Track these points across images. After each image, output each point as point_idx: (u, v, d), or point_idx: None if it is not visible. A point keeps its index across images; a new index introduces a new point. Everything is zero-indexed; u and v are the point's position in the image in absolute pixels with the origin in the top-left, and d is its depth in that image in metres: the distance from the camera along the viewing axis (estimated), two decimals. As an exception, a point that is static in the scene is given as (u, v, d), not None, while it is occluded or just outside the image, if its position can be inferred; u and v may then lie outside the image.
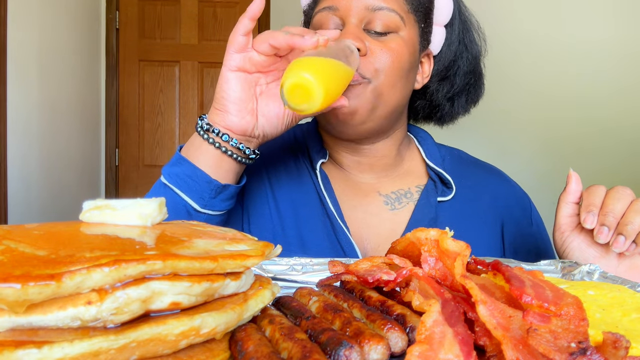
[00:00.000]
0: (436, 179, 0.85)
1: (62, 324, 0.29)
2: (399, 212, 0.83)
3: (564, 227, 0.67)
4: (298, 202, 0.83)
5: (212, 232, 0.40)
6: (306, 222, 0.81)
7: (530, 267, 0.57)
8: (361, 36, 0.74)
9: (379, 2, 0.74)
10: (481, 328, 0.34)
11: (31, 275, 0.27)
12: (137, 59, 3.47)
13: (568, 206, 0.67)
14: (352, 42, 0.70)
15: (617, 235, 0.60)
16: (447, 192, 0.84)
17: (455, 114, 0.90)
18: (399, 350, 0.34)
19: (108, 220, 0.39)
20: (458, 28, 0.85)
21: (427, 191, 0.84)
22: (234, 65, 0.65)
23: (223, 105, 0.66)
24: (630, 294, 0.43)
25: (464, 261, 0.38)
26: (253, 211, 0.82)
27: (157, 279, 0.30)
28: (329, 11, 0.76)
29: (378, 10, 0.74)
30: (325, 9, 0.77)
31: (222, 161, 0.68)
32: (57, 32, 2.82)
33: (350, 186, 0.85)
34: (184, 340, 0.31)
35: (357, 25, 0.74)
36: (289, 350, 0.31)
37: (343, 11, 0.75)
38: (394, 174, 0.87)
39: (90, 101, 3.29)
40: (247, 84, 0.66)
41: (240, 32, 0.63)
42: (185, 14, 3.45)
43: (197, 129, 0.69)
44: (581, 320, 0.32)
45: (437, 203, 0.83)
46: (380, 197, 0.84)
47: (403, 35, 0.76)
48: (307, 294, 0.44)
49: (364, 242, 0.81)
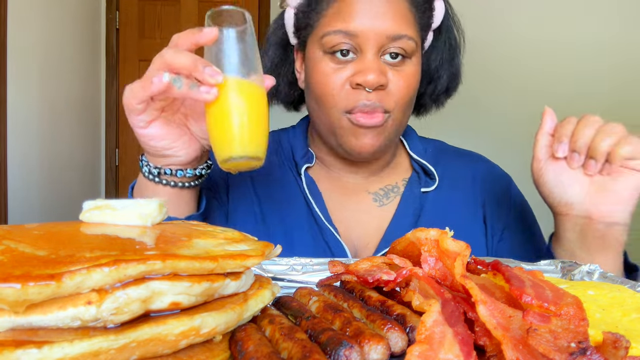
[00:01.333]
0: (419, 171, 0.86)
1: (62, 324, 0.29)
2: (386, 207, 0.84)
3: (540, 156, 0.68)
4: (284, 207, 0.83)
5: (212, 232, 0.40)
6: (293, 227, 0.81)
7: (530, 267, 0.57)
8: (383, 69, 0.72)
9: (400, 31, 0.72)
10: (481, 328, 0.34)
11: (31, 275, 0.27)
12: (137, 59, 3.47)
13: (544, 137, 0.68)
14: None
15: (588, 159, 0.64)
16: (430, 182, 0.85)
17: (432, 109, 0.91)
18: (399, 350, 0.34)
19: (108, 220, 0.39)
20: (445, 32, 0.84)
21: (411, 183, 0.85)
22: (143, 122, 0.60)
23: (161, 152, 0.63)
24: (630, 294, 0.43)
25: (464, 261, 0.38)
26: (237, 219, 0.82)
27: (157, 279, 0.30)
28: (345, 36, 0.72)
29: (398, 39, 0.72)
30: (341, 32, 0.72)
31: (181, 196, 0.67)
32: (57, 32, 2.82)
33: (339, 186, 0.86)
34: (184, 340, 0.31)
35: (376, 54, 0.72)
36: (289, 350, 0.31)
37: (362, 38, 0.72)
38: (384, 172, 0.87)
39: (90, 101, 3.28)
40: (167, 124, 0.62)
41: (137, 101, 0.58)
42: (185, 14, 3.45)
43: (146, 174, 0.65)
44: (581, 320, 0.32)
45: (421, 194, 0.84)
46: (369, 195, 0.85)
47: (415, 61, 0.76)
48: (307, 294, 0.44)
49: (354, 241, 0.82)
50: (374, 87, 0.72)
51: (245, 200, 0.84)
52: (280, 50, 0.86)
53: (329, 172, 0.87)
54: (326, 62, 0.75)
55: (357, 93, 0.73)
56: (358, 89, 0.73)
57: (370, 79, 0.70)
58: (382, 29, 0.71)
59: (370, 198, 0.85)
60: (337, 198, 0.85)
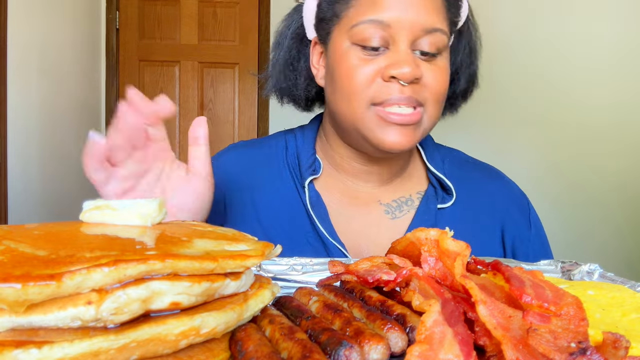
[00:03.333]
0: (436, 185, 0.83)
1: (62, 324, 0.29)
2: (399, 220, 0.81)
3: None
4: (286, 222, 0.79)
5: (212, 232, 0.40)
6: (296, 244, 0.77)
7: (530, 267, 0.57)
8: (416, 61, 0.69)
9: (434, 24, 0.69)
10: (481, 328, 0.34)
11: (31, 275, 0.27)
12: (137, 59, 3.47)
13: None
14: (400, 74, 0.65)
15: None
16: (447, 198, 0.82)
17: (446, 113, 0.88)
18: (398, 350, 0.34)
19: (108, 220, 0.39)
20: (466, 32, 0.82)
21: (427, 198, 0.82)
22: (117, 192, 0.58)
23: None
24: (630, 294, 0.43)
25: (463, 261, 0.38)
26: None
27: (157, 279, 0.30)
28: (377, 25, 0.69)
29: (433, 32, 0.69)
30: (373, 21, 0.69)
31: None
32: (57, 32, 2.82)
33: (349, 196, 0.82)
34: (184, 340, 0.31)
35: (409, 46, 0.69)
36: (289, 350, 0.31)
37: (395, 29, 0.68)
38: (396, 180, 0.84)
39: (90, 101, 3.28)
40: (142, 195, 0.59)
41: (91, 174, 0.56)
42: (185, 14, 3.45)
43: None
44: (581, 320, 0.32)
45: (437, 210, 0.81)
46: (380, 207, 0.82)
47: (446, 56, 0.74)
48: (307, 294, 0.44)
49: (364, 255, 0.78)
50: (409, 81, 0.68)
51: (245, 216, 0.81)
52: (297, 44, 0.83)
53: (338, 180, 0.83)
54: (355, 53, 0.71)
55: (389, 86, 0.69)
56: (391, 82, 0.69)
57: (406, 72, 0.67)
58: (417, 20, 0.68)
59: (382, 210, 0.81)
60: (345, 210, 0.81)
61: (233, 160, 0.86)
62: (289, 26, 0.83)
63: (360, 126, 0.73)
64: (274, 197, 0.81)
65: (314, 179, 0.81)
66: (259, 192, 0.82)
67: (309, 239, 0.78)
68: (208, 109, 3.50)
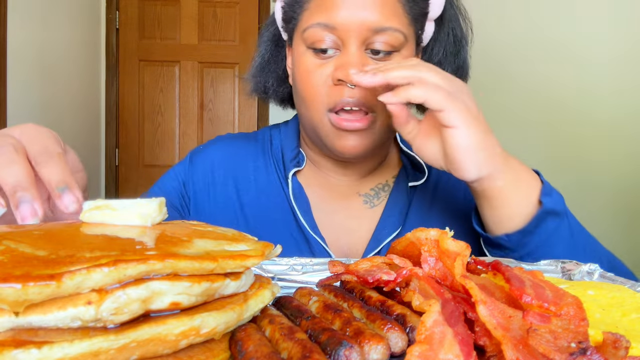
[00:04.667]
0: (407, 164, 0.83)
1: (62, 324, 0.29)
2: (377, 207, 0.81)
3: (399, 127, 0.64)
4: (269, 215, 0.80)
5: (212, 232, 0.40)
6: (278, 237, 0.77)
7: (530, 267, 0.57)
8: (365, 62, 0.68)
9: (382, 22, 0.67)
10: (481, 328, 0.34)
11: (31, 275, 0.27)
12: (137, 59, 3.47)
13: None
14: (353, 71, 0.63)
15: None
16: (419, 176, 0.82)
17: None
18: (398, 350, 0.34)
19: (108, 220, 0.39)
20: (448, 20, 0.79)
21: (399, 178, 0.82)
22: None
23: None
24: (630, 294, 0.43)
25: (464, 261, 0.38)
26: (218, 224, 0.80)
27: (157, 279, 0.30)
28: (325, 28, 0.68)
29: (381, 31, 0.68)
30: (321, 25, 0.69)
31: None
32: (57, 32, 2.82)
33: (330, 190, 0.82)
34: (184, 340, 0.31)
35: (359, 47, 0.68)
36: (289, 350, 0.31)
37: (342, 31, 0.68)
38: (374, 171, 0.84)
39: (90, 101, 3.29)
40: None
41: None
42: (185, 14, 3.45)
43: None
44: (581, 320, 0.32)
45: (409, 189, 0.81)
46: (359, 198, 0.82)
47: (405, 54, 0.71)
48: (307, 294, 0.44)
49: (343, 249, 0.78)
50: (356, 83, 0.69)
51: (228, 207, 0.81)
52: (272, 47, 0.84)
53: (319, 174, 0.83)
54: (308, 57, 0.71)
55: (339, 89, 0.69)
56: (340, 85, 0.69)
57: (351, 74, 0.66)
58: (365, 20, 0.67)
59: (360, 200, 0.82)
60: (326, 204, 0.81)
61: (219, 151, 0.87)
62: (268, 27, 0.84)
63: (319, 131, 0.73)
64: (258, 189, 0.82)
65: (297, 172, 0.82)
66: (244, 184, 0.83)
67: (292, 233, 0.79)
68: (208, 109, 3.50)
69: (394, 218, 0.79)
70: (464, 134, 0.58)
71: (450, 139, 0.59)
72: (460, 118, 0.57)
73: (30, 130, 0.48)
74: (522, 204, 0.64)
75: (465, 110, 0.58)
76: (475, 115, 0.59)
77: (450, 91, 0.58)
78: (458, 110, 0.57)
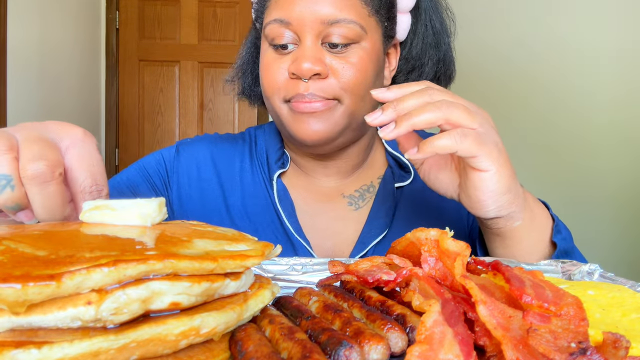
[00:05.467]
0: (394, 165, 0.82)
1: (62, 324, 0.29)
2: (362, 209, 0.81)
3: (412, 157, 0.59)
4: (255, 218, 0.80)
5: (212, 232, 0.40)
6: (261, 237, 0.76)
7: (531, 267, 0.57)
8: (319, 55, 0.68)
9: (335, 15, 0.68)
10: (481, 328, 0.34)
11: (31, 275, 0.27)
12: (137, 59, 3.47)
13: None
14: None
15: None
16: (405, 176, 0.81)
17: None
18: (398, 350, 0.34)
19: (108, 220, 0.39)
20: (425, 12, 0.79)
21: (385, 180, 0.81)
22: None
23: None
24: (630, 294, 0.43)
25: (464, 261, 0.38)
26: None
27: (157, 279, 0.30)
28: (281, 24, 0.69)
29: (335, 23, 0.68)
30: (277, 21, 0.70)
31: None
32: (57, 32, 2.82)
33: (314, 192, 0.82)
34: (184, 340, 0.31)
35: (314, 41, 0.69)
36: (289, 350, 0.31)
37: (296, 25, 0.69)
38: (358, 171, 0.83)
39: (90, 101, 3.28)
40: None
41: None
42: (185, 14, 3.45)
43: None
44: (581, 320, 0.32)
45: (396, 190, 0.80)
46: (344, 199, 0.81)
47: (365, 46, 0.71)
48: (307, 294, 0.44)
49: (328, 252, 0.78)
50: (309, 76, 0.68)
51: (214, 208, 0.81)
52: (252, 48, 0.85)
53: (303, 175, 0.83)
54: (270, 52, 0.72)
55: (295, 83, 0.69)
56: (295, 79, 0.69)
57: (304, 68, 0.67)
58: (318, 14, 0.67)
59: (345, 202, 0.81)
60: (311, 206, 0.81)
61: (207, 150, 0.87)
62: (251, 30, 0.85)
63: (282, 120, 0.74)
64: (243, 191, 0.82)
65: (282, 174, 0.82)
66: (230, 184, 0.83)
67: (277, 235, 0.78)
68: (208, 109, 3.50)
69: (381, 220, 0.78)
70: (494, 178, 0.55)
71: (478, 182, 0.55)
72: (492, 162, 0.54)
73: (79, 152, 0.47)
74: (535, 244, 0.62)
75: (497, 153, 0.54)
76: (505, 157, 0.56)
77: (480, 132, 0.53)
78: (489, 155, 0.54)
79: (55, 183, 0.44)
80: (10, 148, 0.43)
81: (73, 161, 0.46)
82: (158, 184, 0.83)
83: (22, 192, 0.43)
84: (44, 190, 0.43)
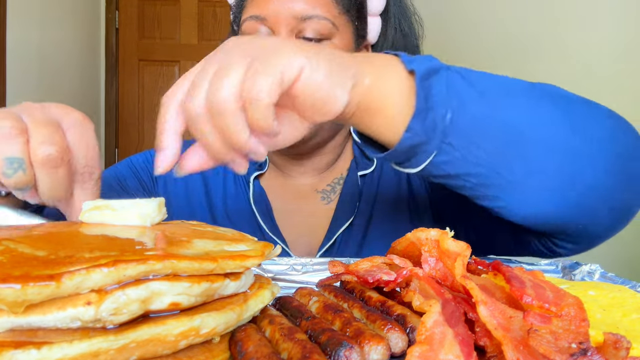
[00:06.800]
0: (358, 154, 0.84)
1: (62, 325, 0.29)
2: (333, 202, 0.82)
3: None
4: (235, 219, 0.82)
5: (212, 233, 0.40)
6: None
7: (531, 268, 0.57)
8: None
9: (308, 10, 0.71)
10: (482, 328, 0.34)
11: (31, 275, 0.27)
12: (136, 58, 3.47)
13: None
14: None
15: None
16: (369, 164, 0.82)
17: None
18: (399, 350, 0.34)
19: (107, 220, 0.39)
20: (394, 16, 0.81)
21: (350, 170, 0.83)
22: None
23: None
24: (631, 294, 0.43)
25: (464, 261, 0.38)
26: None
27: (156, 280, 0.30)
28: (256, 20, 0.72)
29: (308, 19, 0.70)
30: (252, 17, 0.72)
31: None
32: (57, 31, 2.82)
33: (290, 191, 0.84)
34: (184, 341, 0.31)
35: (289, 35, 0.71)
36: (289, 351, 0.31)
37: (271, 21, 0.71)
38: (331, 166, 0.85)
39: (90, 101, 3.28)
40: None
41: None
42: (185, 14, 3.45)
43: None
44: (582, 320, 0.32)
45: (359, 178, 0.82)
46: (317, 195, 0.83)
47: (337, 43, 0.73)
48: (307, 294, 0.44)
49: (302, 247, 0.79)
50: None
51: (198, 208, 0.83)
52: None
53: (281, 175, 0.85)
54: None
55: None
56: None
57: None
58: (291, 9, 0.70)
59: (318, 197, 0.83)
60: (287, 205, 0.83)
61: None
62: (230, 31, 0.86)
63: None
64: (225, 192, 0.84)
65: (260, 175, 0.84)
66: (214, 185, 0.84)
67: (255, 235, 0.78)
68: (208, 108, 3.50)
69: (346, 208, 0.80)
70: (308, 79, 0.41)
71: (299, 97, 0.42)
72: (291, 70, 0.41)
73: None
74: (394, 88, 0.46)
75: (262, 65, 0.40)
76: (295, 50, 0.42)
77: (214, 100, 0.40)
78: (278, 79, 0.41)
79: (64, 168, 0.45)
80: (22, 131, 0.44)
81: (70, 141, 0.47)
82: (145, 179, 0.85)
83: (33, 175, 0.44)
84: (53, 175, 0.44)
